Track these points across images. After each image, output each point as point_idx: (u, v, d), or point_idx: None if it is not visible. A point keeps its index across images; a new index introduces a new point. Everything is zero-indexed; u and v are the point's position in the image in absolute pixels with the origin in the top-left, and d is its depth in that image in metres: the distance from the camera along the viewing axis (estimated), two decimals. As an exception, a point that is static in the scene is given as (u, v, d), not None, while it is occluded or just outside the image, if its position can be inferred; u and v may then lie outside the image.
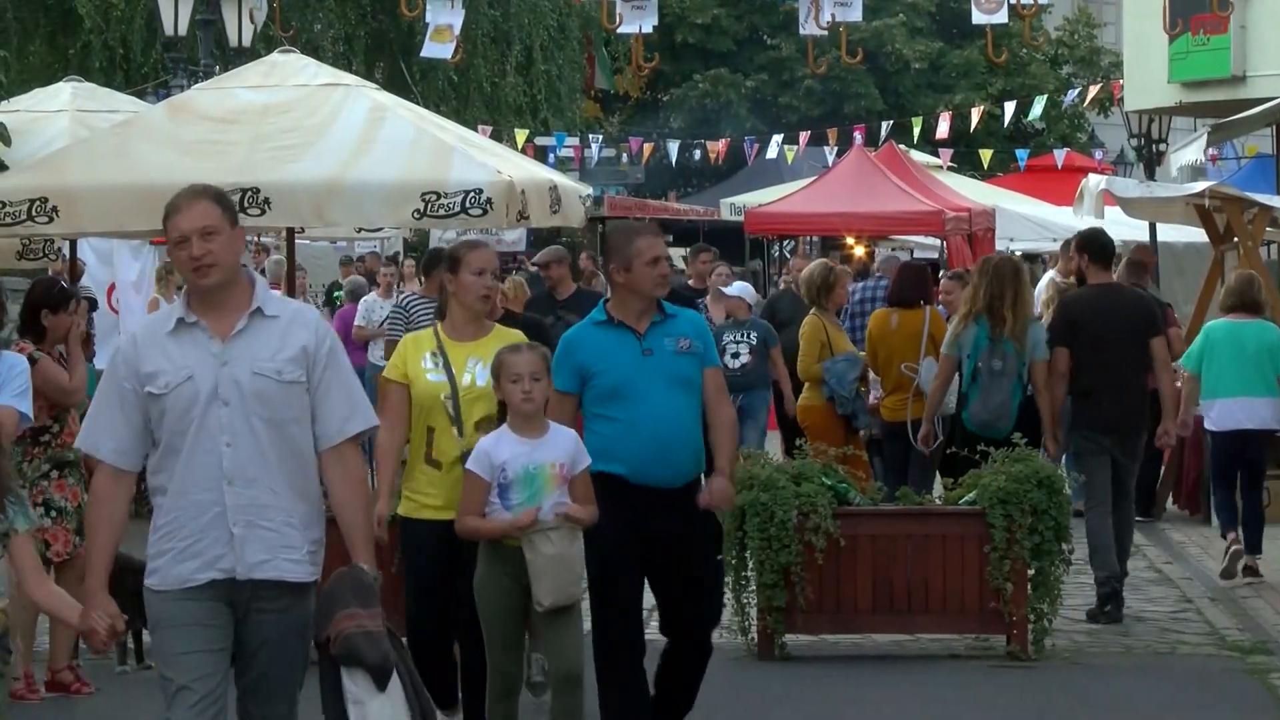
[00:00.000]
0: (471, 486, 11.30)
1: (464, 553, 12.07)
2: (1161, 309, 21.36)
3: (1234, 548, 19.88)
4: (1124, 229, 31.49)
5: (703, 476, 12.19)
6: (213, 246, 8.77)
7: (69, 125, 26.70)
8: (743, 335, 23.01)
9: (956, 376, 18.83)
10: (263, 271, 36.16)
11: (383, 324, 26.11)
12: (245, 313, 8.84)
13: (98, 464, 9.05)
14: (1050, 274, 29.23)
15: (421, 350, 12.26)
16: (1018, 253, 38.25)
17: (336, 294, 34.86)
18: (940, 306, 21.89)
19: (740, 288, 24.08)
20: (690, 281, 27.17)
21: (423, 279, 22.34)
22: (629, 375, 11.57)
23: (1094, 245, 19.96)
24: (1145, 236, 31.17)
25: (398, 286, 30.23)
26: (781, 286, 27.79)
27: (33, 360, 15.48)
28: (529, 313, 17.43)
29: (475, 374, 12.10)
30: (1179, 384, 20.17)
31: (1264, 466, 20.79)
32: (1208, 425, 20.81)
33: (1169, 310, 24.13)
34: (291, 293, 27.48)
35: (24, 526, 8.98)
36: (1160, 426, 19.35)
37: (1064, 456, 20.21)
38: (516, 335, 12.33)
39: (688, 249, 28.81)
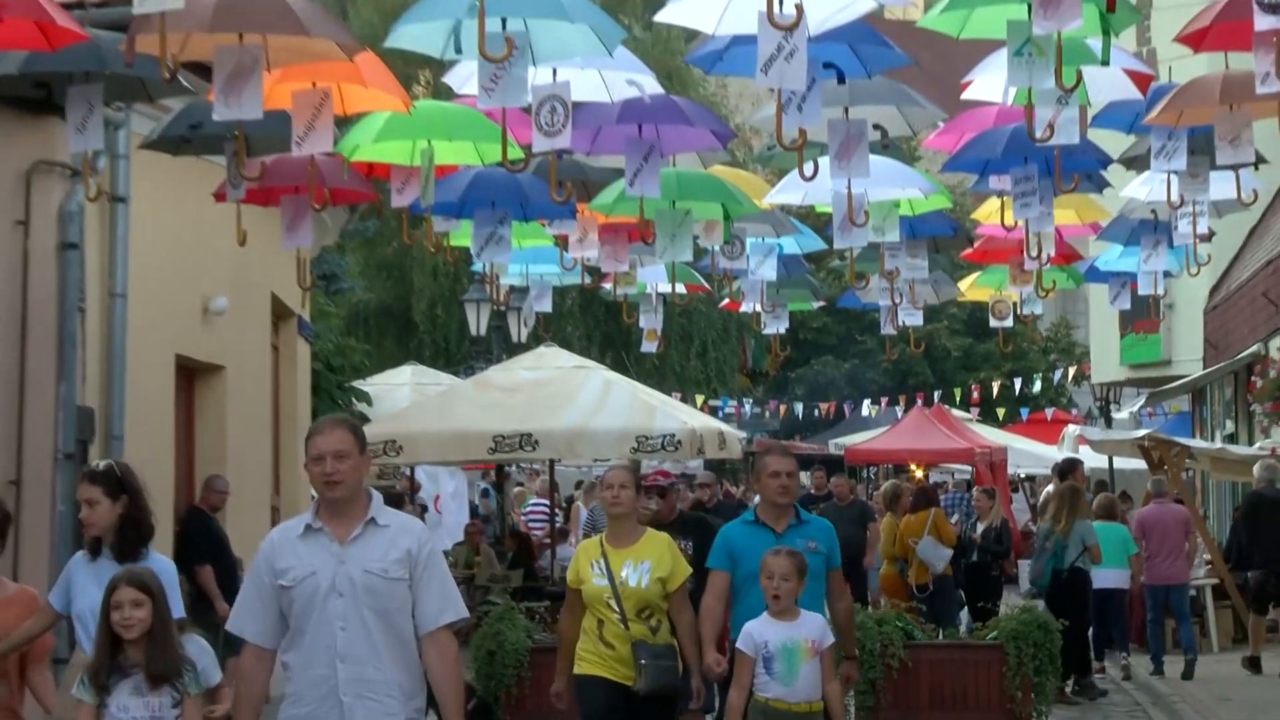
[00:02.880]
0: (741, 662, 9.95)
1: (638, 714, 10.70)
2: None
3: (1095, 677, 20.07)
4: (1091, 460, 31.22)
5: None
6: (342, 467, 7.51)
7: (409, 393, 27.04)
8: None
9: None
10: (523, 487, 36.28)
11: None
12: (361, 521, 7.56)
13: (244, 644, 7.70)
14: (1049, 488, 29.11)
15: (590, 558, 10.78)
16: (1022, 474, 38.19)
17: (571, 498, 35.00)
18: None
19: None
20: (811, 490, 27.14)
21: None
22: (758, 567, 10.21)
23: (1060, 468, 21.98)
24: (1105, 464, 30.90)
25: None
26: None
27: None
28: (696, 513, 16.80)
29: (628, 575, 10.67)
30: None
31: (1122, 609, 21.24)
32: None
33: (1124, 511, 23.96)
34: (553, 504, 27.56)
35: (194, 690, 7.94)
36: None
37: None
38: (663, 538, 11.05)
39: (809, 469, 28.66)
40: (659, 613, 10.70)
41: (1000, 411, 48.07)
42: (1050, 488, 28.85)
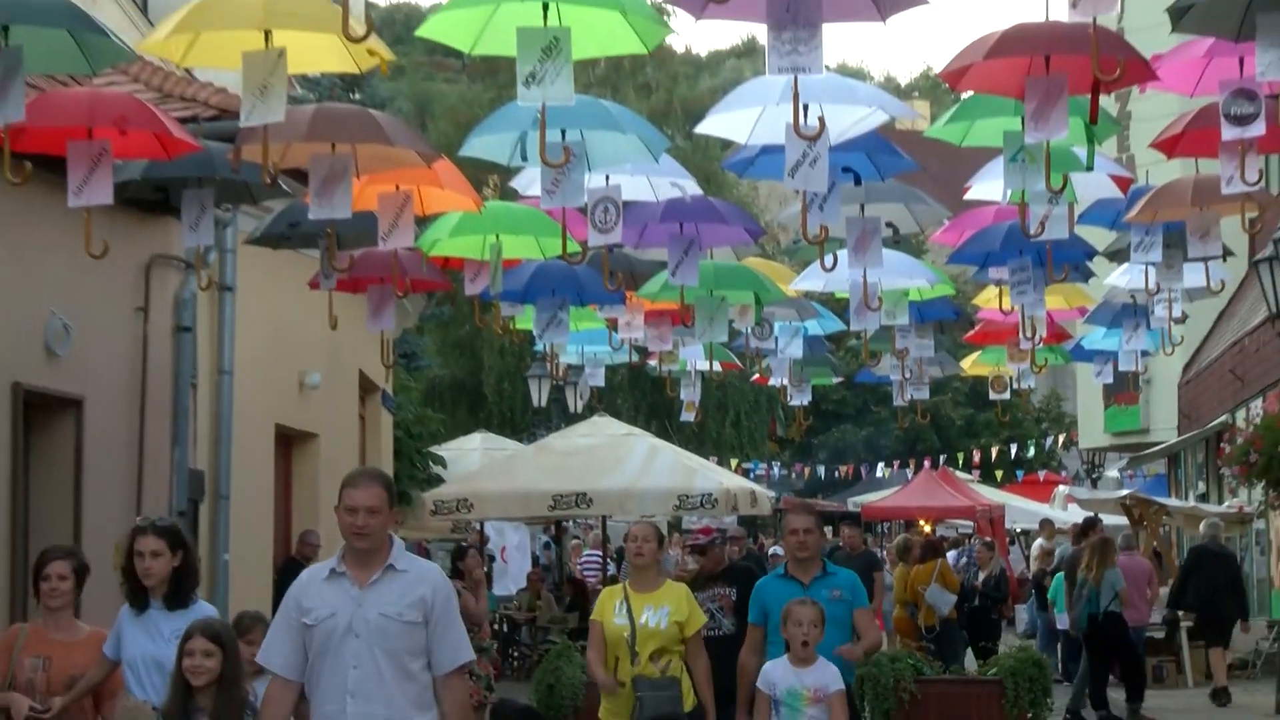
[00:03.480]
0: (759, 699, 9.41)
1: None
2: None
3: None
4: (1078, 516, 31.02)
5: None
6: (373, 521, 6.99)
7: (479, 457, 26.96)
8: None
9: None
10: (579, 540, 36.06)
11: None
12: (381, 567, 7.03)
13: (272, 675, 7.18)
14: (1039, 540, 28.99)
15: (614, 599, 10.26)
16: (1018, 529, 37.93)
17: (622, 549, 34.54)
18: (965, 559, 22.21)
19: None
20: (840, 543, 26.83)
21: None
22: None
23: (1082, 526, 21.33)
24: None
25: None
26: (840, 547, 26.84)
27: (458, 592, 15.16)
28: (744, 563, 16.47)
29: (648, 617, 10.07)
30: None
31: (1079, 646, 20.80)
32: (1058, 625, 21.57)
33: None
34: (605, 555, 27.42)
35: None
36: None
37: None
38: (681, 588, 10.46)
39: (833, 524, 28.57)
40: (672, 655, 10.20)
41: (998, 473, 47.83)
42: (1040, 541, 28.82)
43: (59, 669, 8.39)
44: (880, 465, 48.79)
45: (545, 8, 8.46)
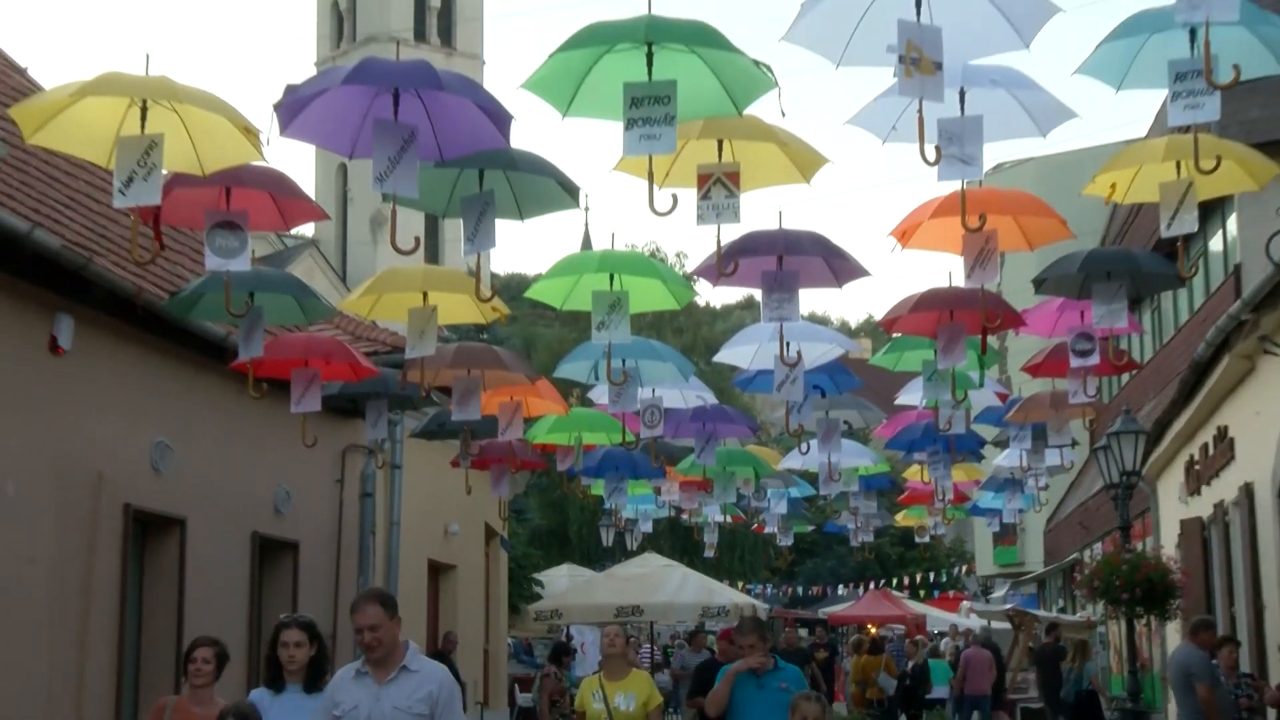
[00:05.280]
0: None
1: None
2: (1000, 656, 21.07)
3: None
4: (976, 622, 30.39)
5: None
6: (378, 635, 5.83)
7: (566, 581, 26.57)
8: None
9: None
10: (632, 639, 35.27)
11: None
12: (397, 668, 5.87)
13: None
14: (946, 639, 28.33)
15: (591, 689, 9.05)
16: (937, 631, 36.97)
17: (669, 648, 33.73)
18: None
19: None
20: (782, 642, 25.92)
21: (687, 642, 22.31)
22: (746, 698, 8.27)
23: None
24: (985, 624, 29.98)
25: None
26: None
27: (544, 677, 14.69)
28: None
29: (620, 701, 8.88)
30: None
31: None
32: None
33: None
34: (654, 648, 26.86)
35: None
36: None
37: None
38: (644, 675, 9.27)
39: (786, 627, 27.93)
40: None
41: (922, 592, 46.90)
42: (947, 640, 28.11)
43: None
44: (840, 586, 48.03)
45: (611, 277, 8.53)
